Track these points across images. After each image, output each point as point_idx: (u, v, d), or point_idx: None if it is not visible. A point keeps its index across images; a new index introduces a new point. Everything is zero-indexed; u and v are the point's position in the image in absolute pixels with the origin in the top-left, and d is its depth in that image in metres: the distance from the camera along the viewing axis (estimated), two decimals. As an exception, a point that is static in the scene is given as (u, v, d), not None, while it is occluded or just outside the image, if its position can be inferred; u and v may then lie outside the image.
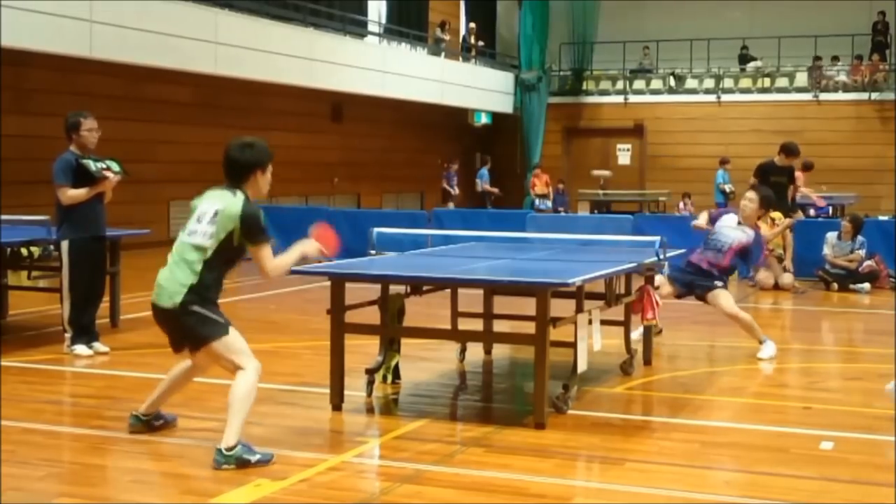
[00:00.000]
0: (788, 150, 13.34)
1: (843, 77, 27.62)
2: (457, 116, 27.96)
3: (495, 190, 24.52)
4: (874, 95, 26.76)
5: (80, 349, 8.29)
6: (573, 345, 6.49)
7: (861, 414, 6.69)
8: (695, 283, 8.74)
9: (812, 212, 18.68)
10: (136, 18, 15.77)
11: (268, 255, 5.32)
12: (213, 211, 5.27)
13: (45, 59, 15.40)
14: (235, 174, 5.36)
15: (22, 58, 14.84)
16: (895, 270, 13.89)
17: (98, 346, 8.39)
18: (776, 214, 14.00)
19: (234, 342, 5.31)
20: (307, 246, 5.50)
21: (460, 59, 27.76)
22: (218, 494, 4.79)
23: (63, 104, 13.91)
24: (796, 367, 8.65)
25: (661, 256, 7.47)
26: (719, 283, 8.69)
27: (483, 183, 24.42)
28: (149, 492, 4.93)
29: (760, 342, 8.61)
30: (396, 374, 7.24)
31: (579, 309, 6.59)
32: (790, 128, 26.70)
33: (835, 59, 27.87)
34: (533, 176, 25.37)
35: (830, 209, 20.38)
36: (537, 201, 24.44)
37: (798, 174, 19.44)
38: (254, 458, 5.14)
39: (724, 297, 8.63)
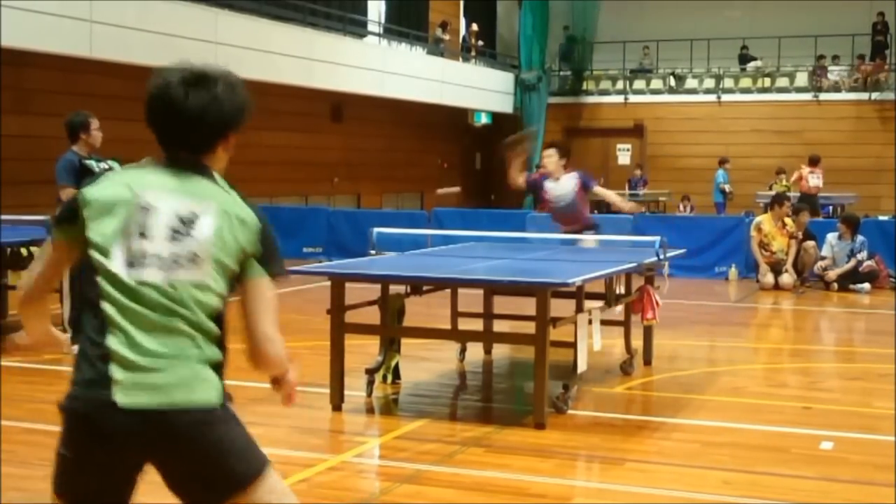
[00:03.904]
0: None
1: (843, 77, 27.61)
2: (457, 116, 27.95)
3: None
4: (874, 95, 26.74)
5: (81, 349, 8.26)
6: (573, 345, 6.49)
7: (861, 414, 6.70)
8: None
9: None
10: (136, 18, 15.76)
11: (275, 308, 2.88)
12: (209, 216, 2.63)
13: (45, 59, 15.39)
14: (202, 139, 2.73)
15: (22, 58, 14.82)
16: (895, 270, 13.89)
17: (98, 345, 8.36)
18: (787, 220, 14.02)
19: (279, 479, 2.81)
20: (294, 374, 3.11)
21: (460, 59, 27.75)
22: (218, 494, 4.78)
23: (63, 104, 13.90)
24: (796, 367, 8.65)
25: (661, 256, 7.48)
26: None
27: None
28: (149, 492, 4.91)
29: None
30: (396, 374, 7.24)
31: (579, 309, 6.59)
32: (790, 128, 26.72)
33: (835, 58, 27.85)
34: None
35: (831, 208, 20.37)
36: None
37: (814, 170, 19.23)
38: None
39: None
